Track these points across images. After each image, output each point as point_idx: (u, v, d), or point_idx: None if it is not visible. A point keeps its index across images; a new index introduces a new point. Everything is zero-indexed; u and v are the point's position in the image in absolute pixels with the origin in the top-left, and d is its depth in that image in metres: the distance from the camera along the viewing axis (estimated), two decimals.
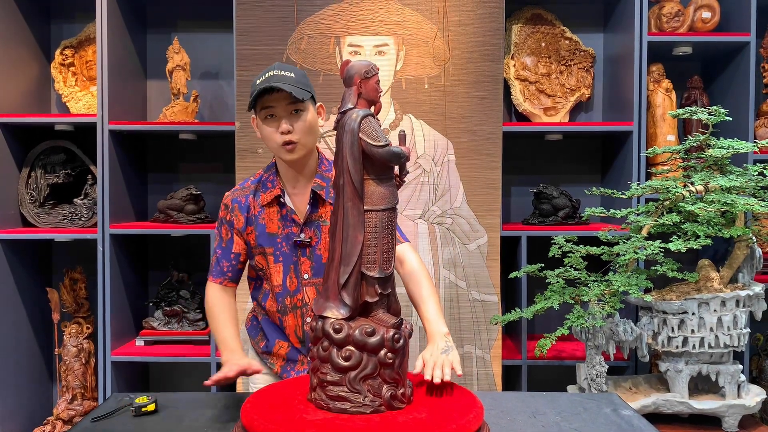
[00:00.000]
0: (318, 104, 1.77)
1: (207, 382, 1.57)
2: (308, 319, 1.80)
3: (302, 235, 1.76)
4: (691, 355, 2.30)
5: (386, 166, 1.37)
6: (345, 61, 1.40)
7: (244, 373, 1.61)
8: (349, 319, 1.35)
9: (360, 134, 1.33)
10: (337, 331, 1.34)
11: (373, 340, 1.33)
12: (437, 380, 1.46)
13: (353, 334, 1.33)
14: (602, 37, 3.30)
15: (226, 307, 1.84)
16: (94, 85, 3.15)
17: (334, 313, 1.35)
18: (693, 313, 2.26)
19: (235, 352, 1.71)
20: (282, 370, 1.88)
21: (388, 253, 1.37)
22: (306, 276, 1.78)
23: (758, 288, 2.32)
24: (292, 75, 1.70)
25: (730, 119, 2.55)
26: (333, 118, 1.55)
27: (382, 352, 1.33)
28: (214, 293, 1.85)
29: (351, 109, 1.35)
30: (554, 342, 2.25)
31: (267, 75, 1.69)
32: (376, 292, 1.37)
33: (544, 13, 3.22)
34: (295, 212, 1.78)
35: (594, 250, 2.40)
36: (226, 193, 1.86)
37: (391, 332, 1.34)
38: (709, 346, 2.27)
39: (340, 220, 1.35)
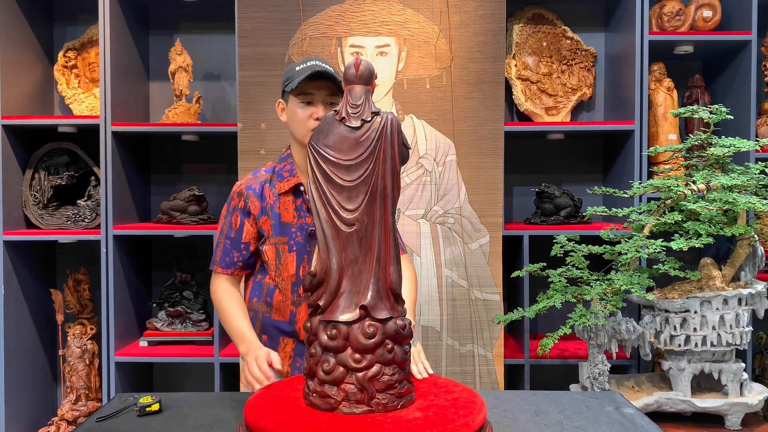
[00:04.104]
0: None
1: (250, 389, 1.59)
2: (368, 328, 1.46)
3: None
4: (694, 354, 2.30)
5: None
6: (357, 57, 1.40)
7: (270, 365, 1.61)
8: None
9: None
10: (403, 327, 1.33)
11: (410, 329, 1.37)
12: (419, 377, 1.53)
13: (409, 327, 1.35)
14: (603, 37, 3.30)
15: (234, 298, 1.83)
16: (96, 86, 3.16)
17: (394, 313, 1.34)
18: (695, 312, 2.26)
19: (253, 343, 1.71)
20: (291, 369, 1.85)
21: None
22: None
23: (760, 286, 2.32)
24: (333, 70, 1.76)
25: (732, 118, 2.55)
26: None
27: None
28: (222, 285, 1.85)
29: (379, 110, 1.36)
30: (556, 341, 2.26)
31: (309, 63, 1.75)
32: None
33: (546, 12, 3.23)
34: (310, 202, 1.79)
35: (596, 249, 2.41)
36: (238, 183, 1.86)
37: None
38: (712, 345, 2.27)
39: (388, 222, 1.34)
